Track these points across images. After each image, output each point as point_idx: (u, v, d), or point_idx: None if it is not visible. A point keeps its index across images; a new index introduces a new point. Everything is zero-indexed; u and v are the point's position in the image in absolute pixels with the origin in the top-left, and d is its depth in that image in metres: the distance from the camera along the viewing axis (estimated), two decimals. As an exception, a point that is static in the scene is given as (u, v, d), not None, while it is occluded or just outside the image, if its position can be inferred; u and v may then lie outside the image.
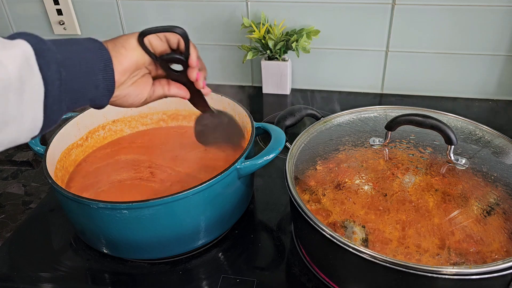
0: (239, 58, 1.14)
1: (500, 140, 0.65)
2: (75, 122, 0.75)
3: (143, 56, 0.50)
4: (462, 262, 0.48)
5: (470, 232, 0.51)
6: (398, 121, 0.61)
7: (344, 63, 1.10)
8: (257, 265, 0.64)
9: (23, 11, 1.17)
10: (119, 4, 1.12)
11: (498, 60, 1.02)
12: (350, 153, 0.64)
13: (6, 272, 0.64)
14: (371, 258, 0.47)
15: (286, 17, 1.05)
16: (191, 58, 0.53)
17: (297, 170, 0.62)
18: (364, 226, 0.53)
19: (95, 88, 0.45)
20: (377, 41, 1.05)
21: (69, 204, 0.60)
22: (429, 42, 1.02)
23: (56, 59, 0.41)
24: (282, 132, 0.68)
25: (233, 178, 0.62)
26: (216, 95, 0.81)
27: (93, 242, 0.65)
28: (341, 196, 0.57)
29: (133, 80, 0.51)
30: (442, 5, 0.97)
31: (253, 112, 0.75)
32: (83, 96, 0.45)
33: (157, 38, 0.51)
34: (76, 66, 0.43)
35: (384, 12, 1.00)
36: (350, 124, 0.71)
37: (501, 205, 0.54)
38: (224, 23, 1.10)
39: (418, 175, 0.58)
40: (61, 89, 0.41)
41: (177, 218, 0.59)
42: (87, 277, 0.63)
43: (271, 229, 0.71)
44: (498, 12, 0.95)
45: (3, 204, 0.79)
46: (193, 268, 0.64)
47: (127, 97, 0.51)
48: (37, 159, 0.92)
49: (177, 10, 1.10)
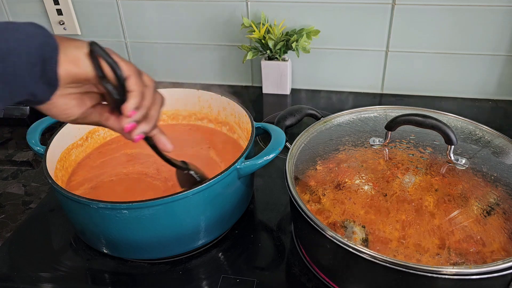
0: (239, 58, 1.14)
1: (500, 140, 0.65)
2: (75, 122, 0.75)
3: (87, 70, 0.41)
4: (462, 262, 0.48)
5: (470, 232, 0.51)
6: (398, 121, 0.61)
7: (344, 63, 1.10)
8: (257, 265, 0.64)
9: (23, 11, 1.17)
10: (119, 4, 1.12)
11: (498, 60, 1.02)
12: (350, 153, 0.64)
13: (6, 272, 0.64)
14: (371, 258, 0.47)
15: (286, 17, 1.05)
16: (125, 106, 0.43)
17: (297, 170, 0.62)
18: (364, 226, 0.53)
19: (35, 82, 0.39)
20: (377, 41, 1.05)
21: (69, 204, 0.60)
22: (429, 42, 1.02)
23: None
24: (282, 132, 0.68)
25: (233, 178, 0.62)
26: (216, 95, 0.81)
27: (93, 242, 0.65)
28: (341, 196, 0.57)
29: (67, 91, 0.43)
30: (442, 5, 0.97)
31: (253, 112, 0.75)
32: (21, 90, 0.39)
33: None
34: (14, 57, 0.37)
35: (384, 12, 1.00)
36: (350, 124, 0.71)
37: (501, 205, 0.54)
38: (224, 23, 1.10)
39: (418, 175, 0.58)
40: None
41: (177, 218, 0.59)
42: (87, 277, 0.63)
43: (271, 229, 0.71)
44: (498, 12, 0.95)
45: (3, 204, 0.79)
46: (193, 268, 0.64)
47: (51, 106, 0.43)
48: (37, 159, 0.92)
49: (177, 10, 1.10)
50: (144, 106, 0.45)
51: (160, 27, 1.14)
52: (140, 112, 0.44)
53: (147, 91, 0.45)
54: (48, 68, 0.39)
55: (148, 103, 0.45)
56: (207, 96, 0.83)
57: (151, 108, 0.46)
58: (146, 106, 0.45)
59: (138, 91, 0.44)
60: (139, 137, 0.46)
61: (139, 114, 0.44)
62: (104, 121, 0.47)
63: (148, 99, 0.45)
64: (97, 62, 0.41)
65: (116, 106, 0.44)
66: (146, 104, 0.45)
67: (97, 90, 0.45)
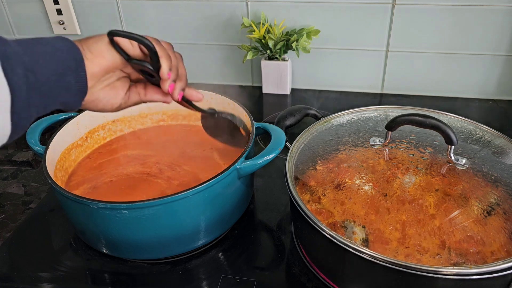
0: (239, 58, 1.14)
1: (500, 140, 0.65)
2: (75, 122, 0.75)
3: (114, 57, 0.47)
4: (462, 262, 0.48)
5: (471, 232, 0.51)
6: (398, 121, 0.61)
7: (344, 63, 1.10)
8: (257, 265, 0.64)
9: (23, 11, 1.17)
10: (119, 4, 1.12)
11: (498, 60, 1.02)
12: (350, 153, 0.64)
13: (6, 272, 0.64)
14: (371, 258, 0.47)
15: (286, 17, 1.05)
16: (162, 71, 0.49)
17: (297, 170, 0.62)
18: (364, 226, 0.53)
19: (66, 91, 0.43)
20: (377, 41, 1.05)
21: (69, 204, 0.60)
22: (429, 42, 1.02)
23: (22, 62, 0.38)
24: (282, 132, 0.68)
25: (233, 178, 0.62)
26: (216, 95, 0.81)
27: (93, 242, 0.65)
28: (341, 196, 0.57)
29: (104, 83, 0.48)
30: (442, 5, 0.97)
31: (253, 112, 0.75)
32: (54, 100, 0.42)
33: (127, 41, 0.47)
34: (45, 69, 0.40)
35: (384, 12, 1.00)
36: (350, 124, 0.71)
37: (502, 205, 0.54)
38: (224, 23, 1.09)
39: (419, 175, 0.58)
40: (29, 94, 0.39)
41: (177, 218, 0.59)
42: (87, 277, 0.63)
43: (271, 229, 0.71)
44: (498, 12, 0.95)
45: (3, 204, 0.79)
46: (193, 268, 0.64)
47: (96, 101, 0.48)
48: (37, 159, 0.92)
49: (177, 10, 1.10)
50: (174, 66, 0.50)
51: (160, 27, 1.13)
52: (173, 72, 0.50)
53: (171, 53, 0.50)
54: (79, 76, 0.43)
55: (175, 63, 0.50)
56: (207, 96, 0.83)
57: (179, 66, 0.52)
58: (175, 65, 0.50)
59: (166, 54, 0.49)
60: (180, 94, 0.52)
61: (174, 73, 0.50)
62: (143, 97, 0.52)
63: (174, 59, 0.50)
64: (119, 48, 0.47)
65: (150, 76, 0.50)
66: (174, 63, 0.50)
67: (125, 74, 0.50)
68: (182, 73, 0.52)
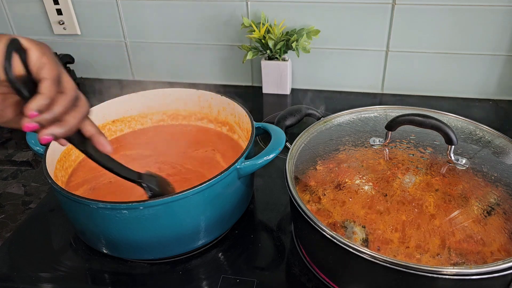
0: (239, 58, 1.14)
1: (500, 140, 0.65)
2: (75, 122, 0.75)
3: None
4: (462, 262, 0.48)
5: (471, 232, 0.51)
6: (398, 121, 0.61)
7: (344, 63, 1.10)
8: (257, 265, 0.64)
9: (23, 11, 1.17)
10: (119, 4, 1.12)
11: (498, 60, 1.02)
12: (350, 153, 0.64)
13: (6, 272, 0.64)
14: (371, 258, 0.47)
15: (286, 17, 1.05)
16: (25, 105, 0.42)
17: (297, 170, 0.62)
18: (364, 226, 0.53)
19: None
20: (377, 41, 1.05)
21: (69, 204, 0.60)
22: (429, 42, 1.02)
23: None
24: (282, 132, 0.68)
25: (233, 178, 0.62)
26: (216, 95, 0.81)
27: (93, 242, 0.65)
28: (341, 196, 0.57)
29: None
30: (442, 5, 0.97)
31: (253, 112, 0.75)
32: None
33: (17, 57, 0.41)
34: None
35: (384, 12, 1.00)
36: (350, 124, 0.71)
37: (502, 205, 0.54)
38: (224, 23, 1.09)
39: (419, 175, 0.58)
40: None
41: (177, 218, 0.59)
42: (87, 277, 0.63)
43: (271, 229, 0.71)
44: (498, 12, 0.95)
45: (3, 204, 0.79)
46: (193, 268, 0.64)
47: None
48: (37, 159, 0.92)
49: (177, 10, 1.10)
50: (52, 111, 0.44)
51: (160, 27, 1.13)
52: (45, 116, 0.43)
53: (61, 98, 0.44)
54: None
55: (59, 110, 0.44)
56: (207, 96, 0.83)
57: (67, 114, 0.45)
58: (56, 112, 0.44)
59: (47, 95, 0.43)
60: (46, 138, 0.45)
61: (44, 117, 0.43)
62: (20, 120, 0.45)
63: (60, 105, 0.44)
64: (9, 63, 0.40)
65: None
66: (56, 110, 0.44)
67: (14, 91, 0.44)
68: (70, 122, 0.46)
